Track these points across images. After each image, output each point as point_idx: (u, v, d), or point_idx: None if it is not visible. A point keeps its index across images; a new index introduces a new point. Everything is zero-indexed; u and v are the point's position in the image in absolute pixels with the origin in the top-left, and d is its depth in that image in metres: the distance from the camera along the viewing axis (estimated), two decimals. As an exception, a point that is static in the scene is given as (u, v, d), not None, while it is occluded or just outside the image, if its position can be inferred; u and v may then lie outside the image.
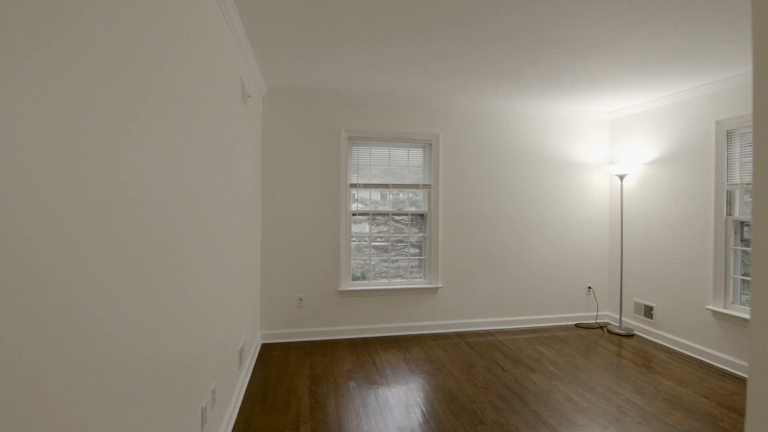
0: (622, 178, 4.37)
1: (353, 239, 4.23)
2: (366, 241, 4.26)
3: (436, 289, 4.32)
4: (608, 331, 4.43)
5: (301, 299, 4.02)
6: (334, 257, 4.10)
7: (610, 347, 3.95)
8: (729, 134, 3.42)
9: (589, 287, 4.79)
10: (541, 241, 4.61)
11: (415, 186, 4.32)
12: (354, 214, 4.22)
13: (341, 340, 4.05)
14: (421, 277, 4.39)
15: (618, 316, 4.62)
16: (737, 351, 3.35)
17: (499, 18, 2.35)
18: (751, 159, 3.27)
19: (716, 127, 3.49)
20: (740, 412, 2.71)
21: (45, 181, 0.74)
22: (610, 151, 4.77)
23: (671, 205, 3.95)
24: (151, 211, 1.23)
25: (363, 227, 4.28)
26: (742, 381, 3.18)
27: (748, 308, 3.31)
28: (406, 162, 4.31)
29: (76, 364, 0.84)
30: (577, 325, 4.63)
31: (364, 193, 4.29)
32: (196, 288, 1.75)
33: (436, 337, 4.19)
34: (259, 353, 3.69)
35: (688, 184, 3.78)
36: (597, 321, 4.77)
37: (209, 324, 1.98)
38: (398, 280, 4.31)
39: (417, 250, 4.38)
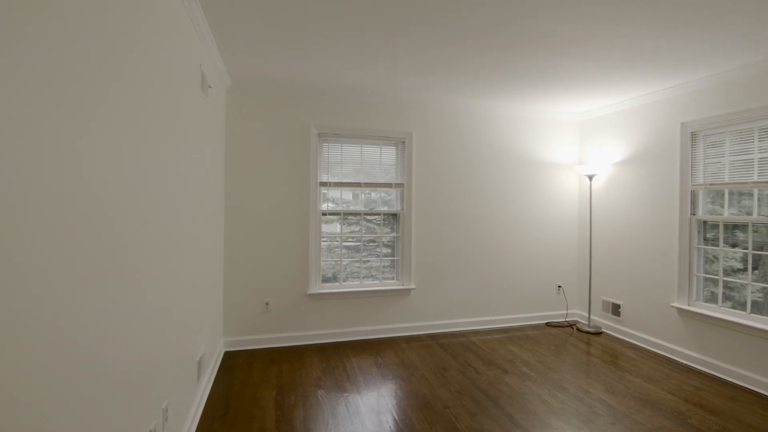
0: (591, 178, 4.42)
1: (324, 239, 4.07)
2: (337, 241, 4.11)
3: (409, 290, 4.23)
4: (578, 329, 4.47)
5: (267, 303, 3.83)
6: (303, 259, 3.92)
7: (580, 345, 3.98)
8: (693, 136, 3.50)
9: (559, 286, 4.83)
10: (512, 240, 4.61)
11: (388, 185, 4.20)
12: (324, 214, 4.06)
13: (310, 345, 3.89)
14: (393, 279, 4.28)
15: (587, 315, 4.68)
16: (701, 347, 3.43)
17: (474, 12, 2.26)
18: (714, 160, 3.36)
19: (681, 129, 3.57)
20: (706, 408, 2.76)
21: None
22: (580, 151, 4.83)
23: (638, 205, 4.03)
24: (87, 205, 1.05)
25: (334, 227, 4.13)
26: (705, 376, 3.26)
27: (711, 305, 3.40)
28: (378, 160, 4.19)
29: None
30: (547, 324, 4.66)
31: (335, 192, 4.14)
32: (144, 292, 1.56)
33: (408, 339, 4.09)
34: (222, 362, 3.47)
35: (654, 184, 3.85)
36: (567, 319, 4.82)
37: (160, 333, 1.79)
38: (370, 281, 4.19)
39: (389, 250, 4.27)
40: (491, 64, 3.09)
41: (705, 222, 3.47)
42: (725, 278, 3.31)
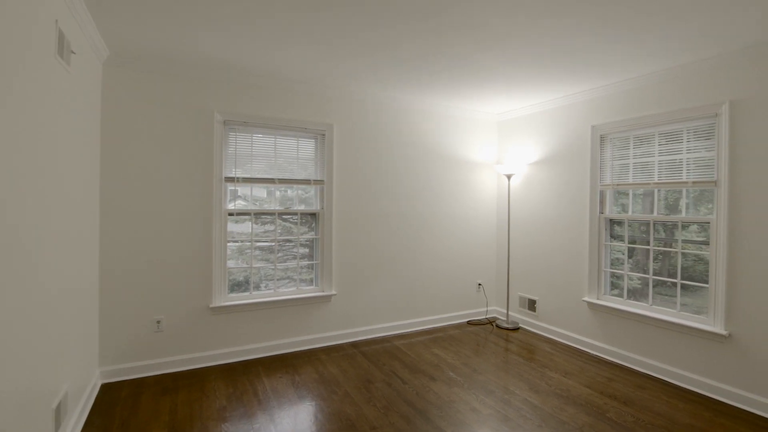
0: (509, 177, 4.50)
1: (233, 241, 3.54)
2: (249, 243, 3.61)
3: (330, 296, 3.88)
4: (497, 326, 4.53)
5: (159, 322, 3.20)
6: (205, 267, 3.36)
7: (500, 343, 4.01)
8: (602, 139, 3.68)
9: (480, 284, 4.87)
10: (436, 239, 4.51)
11: (306, 182, 3.81)
12: (231, 214, 3.53)
13: (214, 367, 3.34)
14: (312, 284, 3.90)
15: (505, 311, 4.78)
16: (609, 338, 3.62)
17: (405, -15, 2.01)
18: (620, 162, 3.56)
19: (592, 131, 3.74)
20: (619, 399, 2.86)
21: None
22: (498, 151, 4.91)
23: (553, 204, 4.17)
24: None
25: (247, 227, 3.62)
26: (615, 366, 3.44)
27: (617, 299, 3.61)
28: (295, 154, 3.77)
29: None
30: (468, 322, 4.66)
31: (246, 190, 3.63)
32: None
33: (329, 350, 3.75)
34: (98, 398, 2.80)
35: (568, 184, 4.01)
36: (487, 317, 4.88)
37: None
38: (285, 290, 3.75)
39: (307, 250, 3.88)
40: (419, 53, 2.88)
41: (611, 220, 3.67)
42: (629, 273, 3.53)
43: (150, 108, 3.16)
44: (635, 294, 3.49)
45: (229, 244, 3.53)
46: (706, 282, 3.00)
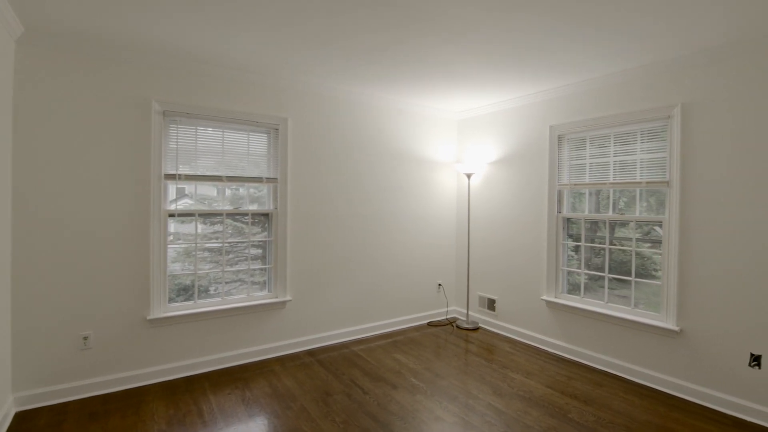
0: (469, 176, 4.45)
1: (179, 243, 3.20)
2: (197, 244, 3.28)
3: (284, 302, 3.63)
4: (457, 326, 4.48)
5: (86, 338, 2.81)
6: (142, 275, 3.01)
7: (461, 344, 3.95)
8: (560, 139, 3.71)
9: (440, 284, 4.80)
10: (395, 240, 4.38)
11: (258, 180, 3.53)
12: (172, 215, 3.19)
13: (153, 386, 3.00)
14: (265, 290, 3.63)
15: (465, 311, 4.74)
16: (567, 336, 3.66)
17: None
18: (577, 162, 3.60)
19: (550, 131, 3.76)
20: (580, 398, 2.87)
21: None
22: (458, 150, 4.86)
23: (513, 204, 4.17)
24: None
25: (193, 227, 3.29)
26: (574, 364, 3.47)
27: (574, 297, 3.65)
28: (246, 150, 3.49)
29: None
30: (429, 324, 4.57)
31: (193, 188, 3.30)
32: None
33: (284, 360, 3.50)
34: (10, 429, 2.39)
35: (527, 184, 4.01)
36: (447, 317, 4.82)
37: None
38: (235, 297, 3.46)
39: (260, 251, 3.61)
40: (381, 44, 2.72)
41: (568, 219, 3.71)
42: (587, 271, 3.58)
43: (75, 94, 2.76)
44: (588, 291, 3.55)
45: (174, 246, 3.19)
46: (646, 277, 3.08)
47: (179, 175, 3.18)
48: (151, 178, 3.03)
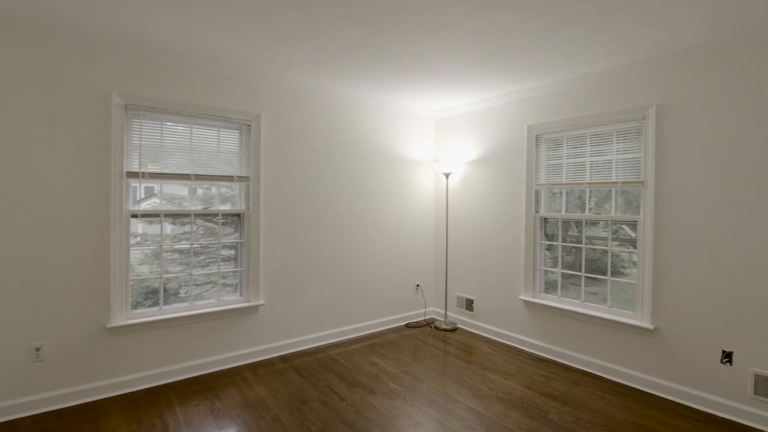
0: (447, 176, 4.42)
1: (147, 244, 3.01)
2: (165, 245, 3.09)
3: (257, 307, 3.48)
4: (435, 327, 4.43)
5: (38, 349, 2.59)
6: (101, 280, 2.80)
7: (439, 345, 3.90)
8: (537, 138, 3.71)
9: (418, 285, 4.75)
10: (372, 240, 4.29)
11: (229, 179, 3.37)
12: (135, 216, 3.00)
13: (114, 398, 2.80)
14: (236, 294, 3.47)
15: (443, 312, 4.71)
16: (544, 336, 3.66)
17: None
18: (554, 162, 3.61)
19: (527, 131, 3.75)
20: (558, 399, 2.86)
21: None
22: (436, 149, 4.82)
23: (491, 203, 4.15)
24: None
25: (161, 228, 3.10)
26: (551, 364, 3.47)
27: (551, 296, 3.66)
28: (216, 147, 3.32)
29: None
30: (407, 325, 4.51)
31: (164, 187, 3.11)
32: None
33: (256, 367, 3.35)
34: (-55, 453, 2.17)
35: (505, 183, 4.00)
36: (425, 318, 4.77)
37: None
38: (205, 302, 3.29)
39: (233, 252, 3.45)
40: (358, 39, 2.62)
41: (545, 219, 3.71)
42: (563, 270, 3.59)
43: (26, 85, 2.54)
44: (561, 288, 3.56)
45: (141, 248, 2.99)
46: (614, 274, 3.12)
47: (143, 173, 2.99)
48: (112, 176, 2.83)
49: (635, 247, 3.13)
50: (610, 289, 3.26)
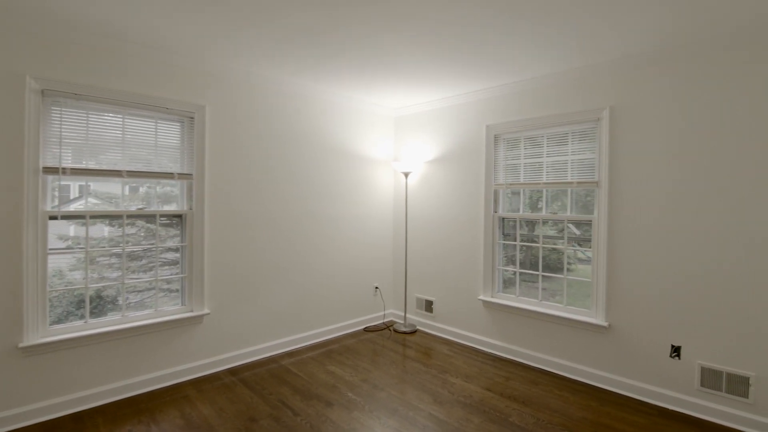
0: (406, 175, 4.32)
1: (79, 249, 2.63)
2: (101, 248, 2.72)
3: (201, 317, 3.18)
4: (394, 330, 4.32)
5: (-75, 376, 2.18)
6: (10, 291, 2.41)
7: (398, 349, 3.79)
8: (496, 138, 3.70)
9: (377, 287, 4.61)
10: (329, 242, 4.10)
11: (169, 175, 3.06)
12: (54, 217, 2.62)
13: (31, 427, 2.42)
14: (177, 304, 3.15)
15: (403, 314, 4.60)
16: (503, 335, 3.65)
17: None
18: (512, 162, 3.61)
19: (486, 131, 3.73)
20: (518, 400, 2.83)
21: None
22: (395, 147, 4.71)
23: (451, 204, 4.10)
24: None
25: (99, 230, 2.75)
26: (511, 363, 3.46)
27: (509, 296, 3.66)
28: (153, 141, 3.00)
29: None
30: (365, 329, 4.36)
31: (99, 186, 2.74)
32: None
33: (200, 382, 3.06)
34: None
35: (464, 183, 3.96)
36: (384, 321, 4.65)
37: None
38: (138, 313, 2.94)
39: (178, 256, 3.13)
40: (313, 26, 2.44)
41: (503, 219, 3.71)
42: (522, 270, 3.60)
43: None
44: (512, 286, 3.58)
45: (63, 253, 2.61)
46: (559, 272, 3.17)
47: (63, 168, 2.62)
48: (26, 172, 2.45)
49: (580, 245, 3.21)
50: (553, 284, 3.30)
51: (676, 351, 2.73)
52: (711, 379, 2.59)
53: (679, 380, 2.71)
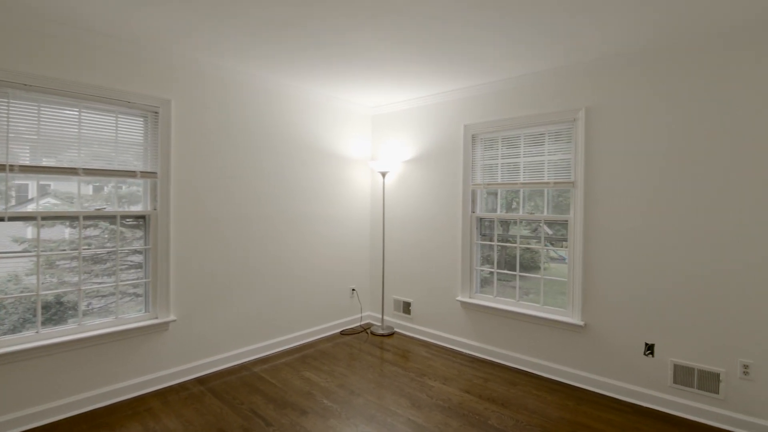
0: (384, 175, 4.24)
1: (28, 251, 2.41)
2: (59, 252, 2.51)
3: (166, 324, 3.00)
4: (372, 332, 4.24)
5: None
6: (-52, 299, 2.19)
7: (376, 352, 3.71)
8: (474, 138, 3.67)
9: (353, 289, 4.52)
10: (304, 243, 3.98)
11: (131, 174, 2.87)
12: (1, 219, 2.40)
13: (-32, 451, 2.21)
14: (141, 311, 2.97)
15: (380, 316, 4.53)
16: (481, 336, 3.63)
17: None
18: (490, 162, 3.60)
19: (464, 130, 3.70)
20: (497, 401, 2.80)
21: None
22: (372, 146, 4.63)
23: (429, 204, 4.05)
24: None
25: (58, 232, 2.54)
26: (489, 364, 3.44)
27: (487, 296, 3.64)
28: (114, 137, 2.80)
29: None
30: (342, 333, 4.26)
31: (60, 185, 2.53)
32: None
33: (166, 393, 2.89)
34: None
35: (442, 183, 3.93)
36: (361, 323, 4.56)
37: None
38: (99, 321, 2.75)
39: (140, 258, 2.94)
40: (288, 19, 2.33)
41: (481, 219, 3.69)
42: (499, 270, 3.59)
43: None
44: (488, 285, 3.57)
45: (8, 257, 2.40)
46: (532, 270, 3.18)
47: (11, 165, 2.40)
48: (-34, 169, 2.23)
49: (553, 244, 3.24)
50: (526, 282, 3.30)
51: (649, 349, 2.76)
52: (683, 376, 2.63)
53: (652, 377, 2.75)
